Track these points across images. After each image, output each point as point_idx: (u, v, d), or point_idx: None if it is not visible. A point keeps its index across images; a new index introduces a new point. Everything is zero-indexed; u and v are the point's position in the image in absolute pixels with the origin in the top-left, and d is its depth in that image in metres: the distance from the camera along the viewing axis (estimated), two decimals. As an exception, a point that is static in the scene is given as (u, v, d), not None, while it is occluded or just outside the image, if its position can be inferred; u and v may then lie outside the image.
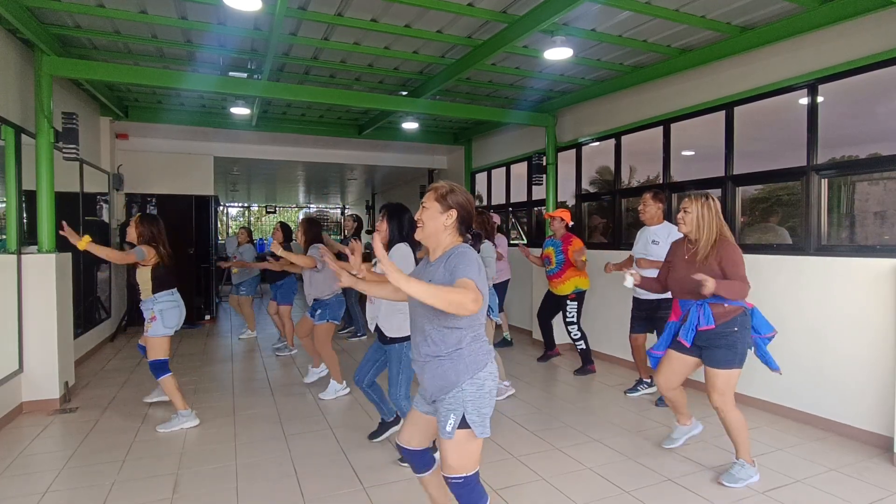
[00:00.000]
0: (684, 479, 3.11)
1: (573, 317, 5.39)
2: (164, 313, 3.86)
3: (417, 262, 3.27)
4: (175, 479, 3.10)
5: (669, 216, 4.82)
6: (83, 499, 2.89)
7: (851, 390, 3.74)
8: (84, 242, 3.64)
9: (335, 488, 2.99)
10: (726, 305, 2.95)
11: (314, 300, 4.67)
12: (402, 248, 3.16)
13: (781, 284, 4.17)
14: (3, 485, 3.04)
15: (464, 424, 1.94)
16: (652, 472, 3.19)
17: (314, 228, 4.80)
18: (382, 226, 3.18)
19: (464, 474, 1.99)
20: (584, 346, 5.44)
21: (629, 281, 3.37)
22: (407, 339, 3.15)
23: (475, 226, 4.13)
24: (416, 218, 2.09)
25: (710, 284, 2.80)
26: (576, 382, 5.19)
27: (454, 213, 2.02)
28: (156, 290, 3.87)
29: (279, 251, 4.29)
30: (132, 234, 3.91)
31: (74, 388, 4.78)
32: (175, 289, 4.01)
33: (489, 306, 4.05)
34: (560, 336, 5.98)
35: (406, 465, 3.12)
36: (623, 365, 5.71)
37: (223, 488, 2.99)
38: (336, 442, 3.67)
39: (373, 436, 3.70)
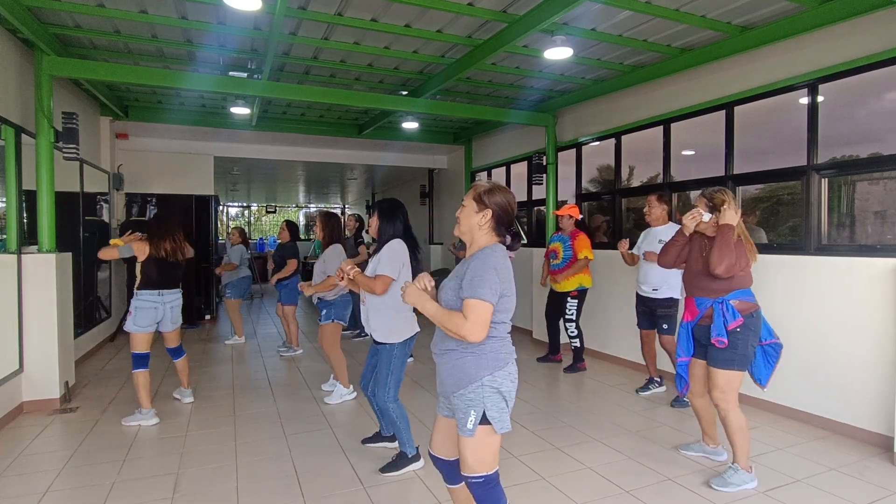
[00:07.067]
0: (684, 479, 3.11)
1: (572, 314, 5.44)
2: (137, 311, 3.93)
3: (416, 256, 3.28)
4: (175, 479, 3.10)
5: (672, 216, 4.85)
6: (83, 499, 2.89)
7: (851, 390, 3.74)
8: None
9: (335, 488, 2.99)
10: (737, 302, 2.93)
11: (318, 300, 4.66)
12: (395, 245, 3.16)
13: (781, 284, 4.16)
14: (3, 485, 3.04)
15: (484, 421, 1.94)
16: (652, 472, 3.20)
17: (332, 221, 4.63)
18: (374, 221, 3.25)
19: (483, 473, 1.97)
20: (578, 345, 5.49)
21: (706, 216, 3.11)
22: (397, 343, 3.13)
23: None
24: (456, 215, 2.10)
25: (695, 218, 3.01)
26: (575, 382, 5.18)
27: (489, 212, 2.01)
28: (141, 286, 3.97)
29: (308, 291, 4.43)
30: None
31: (74, 388, 4.78)
32: (162, 290, 4.02)
33: None
34: (565, 339, 5.93)
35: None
36: (623, 364, 5.72)
37: (223, 488, 2.99)
38: (337, 442, 3.67)
39: (387, 469, 3.18)
